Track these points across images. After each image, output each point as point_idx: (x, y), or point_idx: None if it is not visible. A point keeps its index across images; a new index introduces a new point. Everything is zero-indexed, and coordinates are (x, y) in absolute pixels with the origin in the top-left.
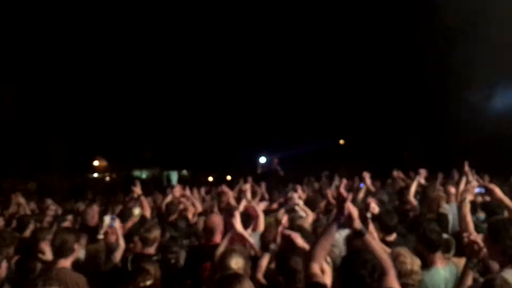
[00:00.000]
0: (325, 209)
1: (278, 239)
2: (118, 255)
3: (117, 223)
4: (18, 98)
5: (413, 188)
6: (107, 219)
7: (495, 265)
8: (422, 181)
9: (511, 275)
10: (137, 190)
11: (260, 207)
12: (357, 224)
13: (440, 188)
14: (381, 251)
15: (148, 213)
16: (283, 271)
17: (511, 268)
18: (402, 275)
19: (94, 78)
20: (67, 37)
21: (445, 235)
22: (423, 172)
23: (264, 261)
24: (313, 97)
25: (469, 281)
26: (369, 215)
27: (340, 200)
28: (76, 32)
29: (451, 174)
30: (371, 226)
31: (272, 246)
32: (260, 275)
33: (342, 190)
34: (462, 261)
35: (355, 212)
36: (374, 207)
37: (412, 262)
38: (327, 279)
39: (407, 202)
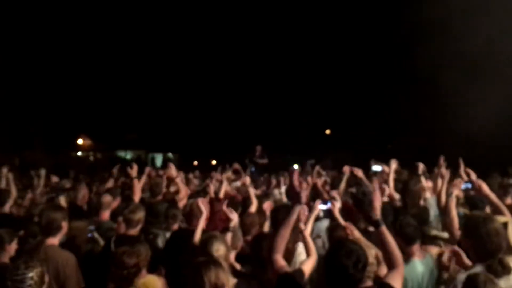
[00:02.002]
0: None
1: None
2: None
3: (96, 235)
4: (2, 76)
5: (391, 180)
6: None
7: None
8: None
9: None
10: (133, 172)
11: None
12: (377, 213)
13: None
14: (394, 245)
15: (137, 197)
16: (256, 259)
17: (482, 265)
18: None
19: (82, 58)
20: (52, 18)
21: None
22: (393, 162)
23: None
24: (302, 87)
25: None
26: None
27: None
28: (61, 13)
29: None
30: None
31: (231, 227)
32: None
33: (296, 179)
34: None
35: (378, 202)
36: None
37: None
38: (309, 265)
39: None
